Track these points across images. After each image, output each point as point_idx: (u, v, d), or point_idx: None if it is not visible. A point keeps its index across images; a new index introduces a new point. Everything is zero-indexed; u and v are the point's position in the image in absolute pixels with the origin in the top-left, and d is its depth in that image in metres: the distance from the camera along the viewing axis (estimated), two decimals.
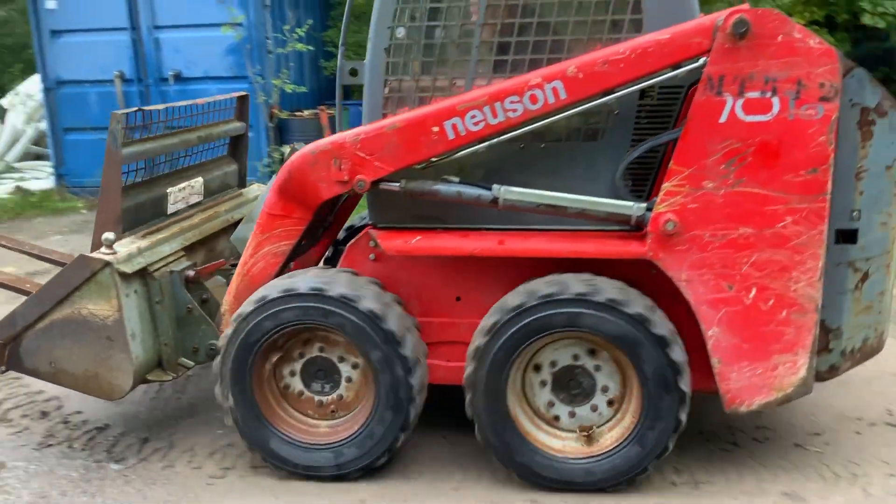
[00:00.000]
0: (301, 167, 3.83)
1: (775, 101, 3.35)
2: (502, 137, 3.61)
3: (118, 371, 3.97)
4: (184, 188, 4.79)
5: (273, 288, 3.77)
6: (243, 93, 5.41)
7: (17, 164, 12.95)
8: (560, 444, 3.75)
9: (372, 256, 4.03)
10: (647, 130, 3.66)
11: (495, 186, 3.68)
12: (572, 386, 3.74)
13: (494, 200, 3.68)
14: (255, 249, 4.06)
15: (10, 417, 4.74)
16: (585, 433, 3.73)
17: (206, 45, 10.34)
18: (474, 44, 3.74)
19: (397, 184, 3.76)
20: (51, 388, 4.77)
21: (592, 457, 3.69)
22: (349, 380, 3.91)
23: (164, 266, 4.19)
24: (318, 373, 3.94)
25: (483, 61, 3.76)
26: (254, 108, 10.11)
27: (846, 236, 3.57)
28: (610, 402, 3.74)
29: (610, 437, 3.71)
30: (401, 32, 3.81)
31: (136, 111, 4.20)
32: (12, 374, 4.32)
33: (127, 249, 4.02)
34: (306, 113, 11.11)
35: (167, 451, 4.30)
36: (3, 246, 5.06)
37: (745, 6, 3.37)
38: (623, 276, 3.69)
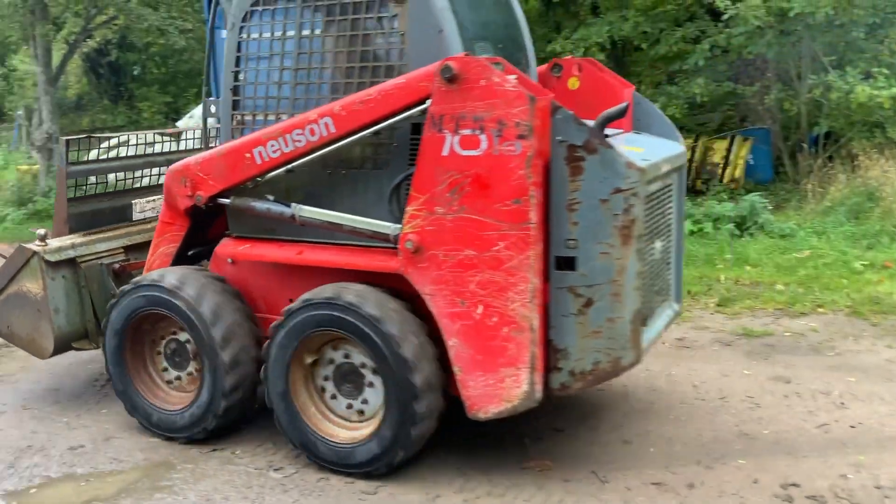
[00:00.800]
0: (168, 183, 4.75)
1: (483, 138, 3.76)
2: (298, 162, 4.30)
3: (44, 337, 5.11)
4: (154, 199, 5.89)
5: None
6: None
7: None
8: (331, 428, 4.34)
9: (230, 260, 4.83)
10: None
11: (293, 205, 4.37)
12: (348, 380, 4.32)
13: (293, 217, 4.37)
14: (153, 249, 5.03)
15: None
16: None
17: None
18: (290, 85, 4.47)
19: (228, 200, 4.57)
20: None
21: (353, 443, 4.25)
22: (193, 357, 4.76)
23: (95, 259, 5.29)
24: (176, 352, 4.83)
25: (297, 100, 4.47)
26: None
27: (564, 263, 3.85)
28: (360, 412, 4.31)
29: (364, 430, 4.26)
30: (241, 76, 4.62)
31: (86, 137, 5.37)
32: None
33: (59, 243, 5.16)
34: None
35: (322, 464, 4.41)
36: None
37: (461, 55, 3.82)
38: None
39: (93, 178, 5.50)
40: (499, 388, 3.94)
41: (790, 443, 4.61)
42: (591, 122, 3.89)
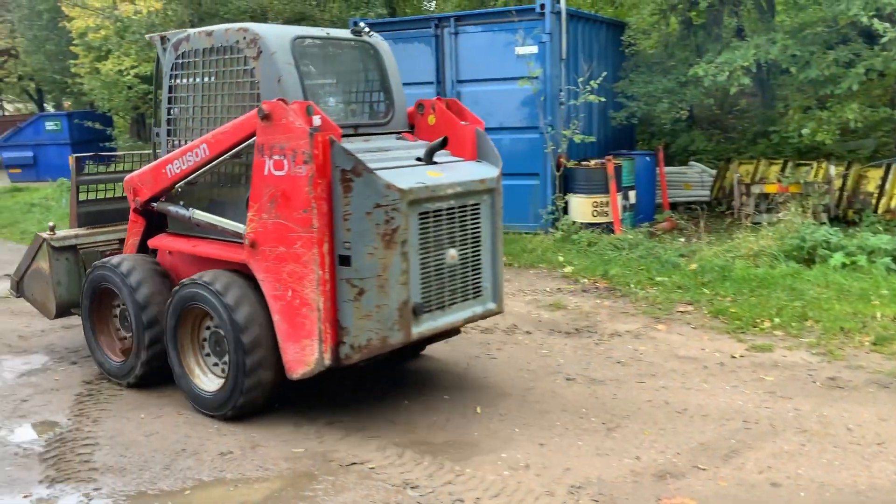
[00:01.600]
0: (125, 189, 6.31)
1: (286, 162, 4.97)
2: (192, 176, 5.68)
3: (50, 303, 6.84)
4: None
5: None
6: None
7: None
8: (204, 380, 5.68)
9: (168, 252, 6.30)
10: None
11: (190, 209, 5.76)
12: (219, 344, 5.63)
13: (189, 218, 5.76)
14: (127, 240, 6.60)
15: (322, 433, 5.31)
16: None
17: (503, 97, 11.21)
18: (199, 118, 5.88)
19: (156, 204, 6.04)
20: (354, 412, 5.61)
21: (212, 391, 5.56)
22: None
23: (93, 247, 6.96)
24: (125, 317, 6.36)
25: (202, 129, 5.86)
26: (542, 158, 11.31)
27: (343, 260, 4.97)
28: (223, 369, 5.58)
29: (221, 381, 5.55)
30: (174, 110, 6.09)
31: (92, 155, 7.09)
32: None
33: (65, 234, 6.87)
34: (593, 163, 11.39)
35: (456, 484, 4.55)
36: None
37: (274, 100, 5.05)
38: None
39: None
40: (302, 355, 5.12)
41: None
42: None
